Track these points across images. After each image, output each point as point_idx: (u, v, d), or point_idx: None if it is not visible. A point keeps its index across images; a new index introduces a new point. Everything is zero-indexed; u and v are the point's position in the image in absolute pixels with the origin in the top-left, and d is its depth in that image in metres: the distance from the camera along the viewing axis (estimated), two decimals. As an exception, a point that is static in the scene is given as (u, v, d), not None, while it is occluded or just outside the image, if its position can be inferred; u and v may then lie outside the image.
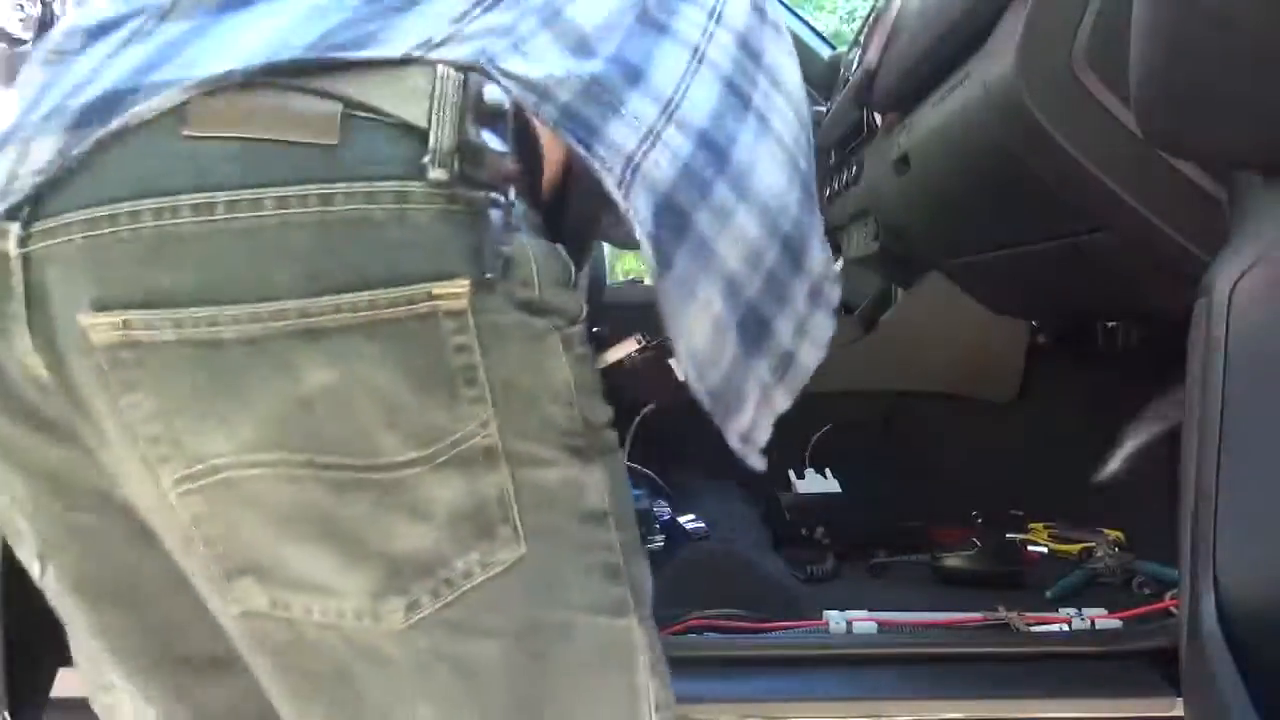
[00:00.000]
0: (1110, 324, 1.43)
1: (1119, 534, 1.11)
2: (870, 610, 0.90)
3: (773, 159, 0.65)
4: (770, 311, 0.61)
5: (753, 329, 0.58)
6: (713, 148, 0.58)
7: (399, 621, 0.42)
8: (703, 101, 0.60)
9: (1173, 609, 0.87)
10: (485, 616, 0.44)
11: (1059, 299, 1.27)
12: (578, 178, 0.51)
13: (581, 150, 0.46)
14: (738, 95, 0.65)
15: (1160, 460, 0.62)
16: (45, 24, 0.90)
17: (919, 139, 1.07)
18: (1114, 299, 1.19)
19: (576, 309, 0.48)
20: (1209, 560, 0.47)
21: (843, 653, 0.84)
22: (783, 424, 0.61)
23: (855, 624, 0.87)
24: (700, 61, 0.62)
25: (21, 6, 0.87)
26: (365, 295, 0.40)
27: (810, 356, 0.63)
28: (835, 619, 0.88)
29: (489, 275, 0.42)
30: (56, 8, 0.91)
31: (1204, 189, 0.70)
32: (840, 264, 1.42)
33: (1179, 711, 0.75)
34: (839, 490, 1.28)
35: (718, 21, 0.66)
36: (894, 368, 1.40)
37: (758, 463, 0.56)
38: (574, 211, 0.53)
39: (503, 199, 0.43)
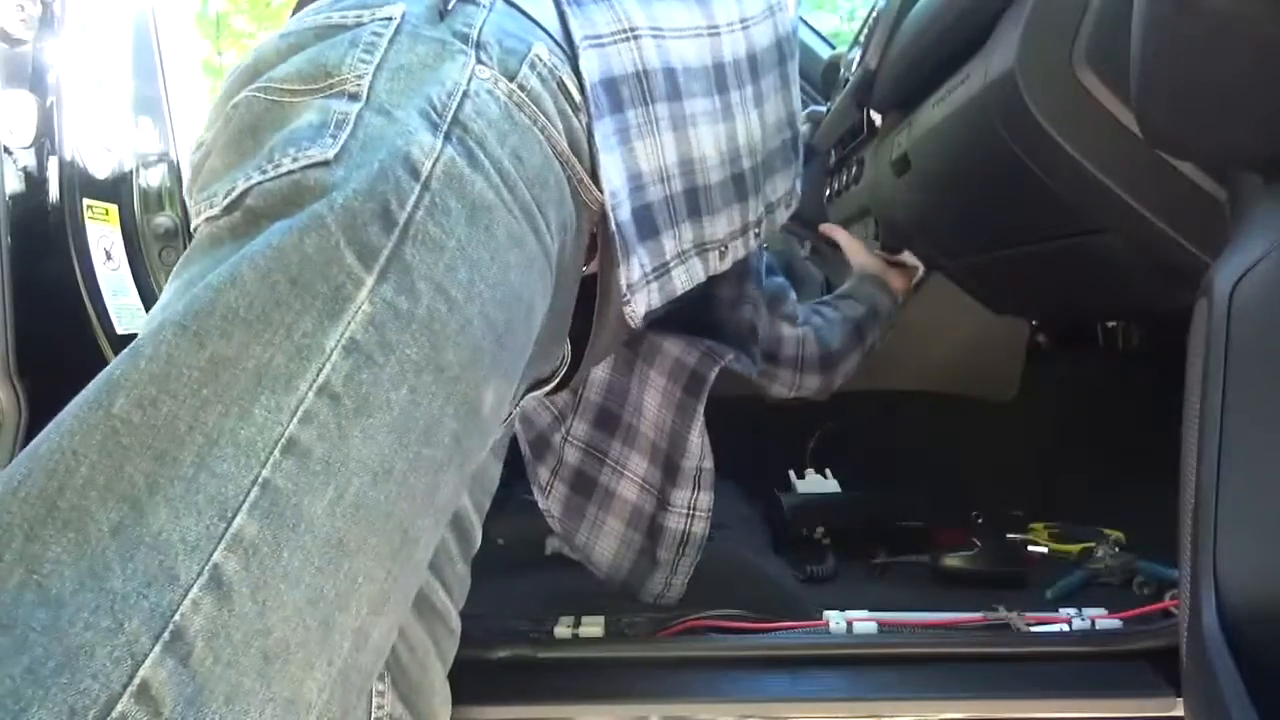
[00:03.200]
0: (1110, 324, 1.43)
1: (1119, 534, 1.11)
2: (870, 610, 0.89)
3: (714, 140, 0.73)
4: (660, 224, 0.68)
5: (644, 225, 0.66)
6: (672, 85, 0.68)
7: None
8: (691, 55, 0.70)
9: (1173, 609, 0.87)
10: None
11: (1059, 299, 1.27)
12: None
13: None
14: (720, 79, 0.74)
15: (1160, 460, 0.62)
16: (45, 24, 0.90)
17: (919, 139, 1.07)
18: (1114, 299, 1.19)
19: (513, 65, 0.56)
20: (1209, 560, 0.47)
21: (843, 653, 0.84)
22: (783, 424, 0.62)
23: (855, 624, 0.87)
24: (709, 35, 0.72)
25: (22, 6, 0.87)
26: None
27: (679, 282, 0.71)
28: (835, 619, 0.88)
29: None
30: (56, 8, 0.90)
31: (1204, 189, 0.70)
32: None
33: (1179, 711, 0.75)
34: (839, 490, 1.28)
35: (743, 26, 0.73)
36: (894, 368, 1.40)
37: (633, 317, 0.66)
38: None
39: None
